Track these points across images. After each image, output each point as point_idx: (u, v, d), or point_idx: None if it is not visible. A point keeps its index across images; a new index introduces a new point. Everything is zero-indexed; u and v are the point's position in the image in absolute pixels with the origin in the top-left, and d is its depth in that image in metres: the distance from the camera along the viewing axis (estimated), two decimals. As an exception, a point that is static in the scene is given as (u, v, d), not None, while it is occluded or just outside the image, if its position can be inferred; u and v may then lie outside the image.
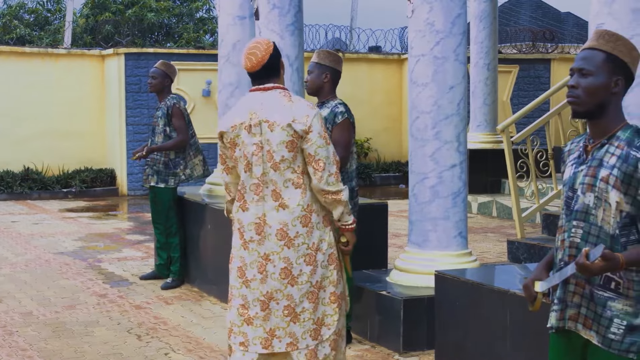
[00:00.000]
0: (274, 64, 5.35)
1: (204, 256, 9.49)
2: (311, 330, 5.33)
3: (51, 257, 11.57)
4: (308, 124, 5.22)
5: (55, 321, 8.29)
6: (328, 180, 5.26)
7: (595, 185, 3.70)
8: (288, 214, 5.26)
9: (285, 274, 5.27)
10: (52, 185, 18.89)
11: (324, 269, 5.34)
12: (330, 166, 5.27)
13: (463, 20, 7.50)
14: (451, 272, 6.11)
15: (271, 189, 5.28)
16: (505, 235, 12.54)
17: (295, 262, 5.27)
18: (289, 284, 5.28)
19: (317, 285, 5.33)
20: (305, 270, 5.28)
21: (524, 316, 5.05)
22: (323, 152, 5.25)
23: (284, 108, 5.25)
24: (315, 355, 5.35)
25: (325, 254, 5.35)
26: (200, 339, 7.70)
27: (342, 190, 5.32)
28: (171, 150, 9.66)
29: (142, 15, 29.94)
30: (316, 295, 5.33)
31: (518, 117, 10.33)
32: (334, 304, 5.38)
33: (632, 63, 3.76)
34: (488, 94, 16.07)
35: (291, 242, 5.27)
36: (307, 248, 5.29)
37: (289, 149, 5.23)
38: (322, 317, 5.37)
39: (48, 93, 19.44)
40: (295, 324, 5.31)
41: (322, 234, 5.35)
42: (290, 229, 5.27)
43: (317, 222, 5.32)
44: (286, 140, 5.22)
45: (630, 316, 3.65)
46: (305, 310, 5.30)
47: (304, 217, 5.28)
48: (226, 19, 10.24)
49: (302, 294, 5.29)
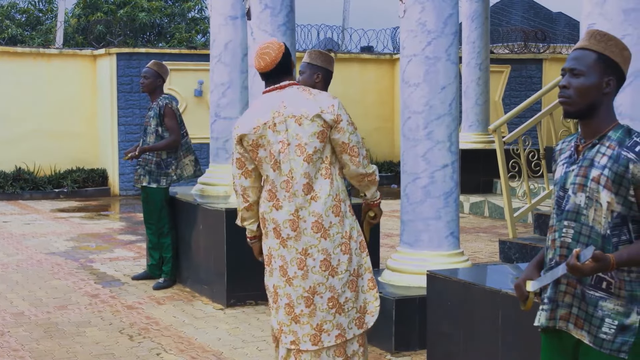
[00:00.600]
0: (287, 62, 5.48)
1: (196, 256, 9.48)
2: (355, 319, 5.47)
3: (43, 257, 11.55)
4: (336, 112, 5.38)
5: (47, 321, 8.28)
6: (364, 164, 5.52)
7: (587, 185, 3.70)
8: (321, 206, 5.39)
9: (326, 266, 5.40)
10: (44, 185, 18.86)
11: (358, 257, 5.49)
12: (362, 150, 5.50)
13: (455, 20, 7.50)
14: (443, 272, 6.11)
15: (302, 183, 5.38)
16: (497, 235, 12.56)
17: (332, 252, 5.41)
18: (329, 276, 5.40)
19: (356, 273, 5.47)
20: (343, 260, 5.42)
21: (516, 316, 5.05)
22: (354, 138, 5.45)
23: (307, 101, 5.40)
24: (344, 352, 5.46)
25: (357, 241, 5.50)
26: (192, 339, 7.70)
27: (374, 170, 5.63)
28: (163, 151, 9.65)
29: (134, 15, 29.92)
30: (356, 283, 5.47)
31: (510, 117, 10.34)
32: (373, 290, 5.54)
33: (624, 63, 3.77)
34: (480, 94, 16.09)
35: (327, 233, 5.39)
36: (342, 237, 5.43)
37: (320, 139, 5.38)
38: (364, 305, 5.52)
39: (40, 93, 19.41)
40: (341, 315, 5.43)
41: (352, 222, 5.51)
42: (325, 220, 5.40)
43: (346, 211, 5.49)
44: (317, 131, 5.36)
45: (621, 316, 3.65)
46: (348, 300, 5.43)
47: (335, 207, 5.43)
48: (218, 19, 10.23)
49: (344, 284, 5.42)
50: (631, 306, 3.65)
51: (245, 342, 7.55)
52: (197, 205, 9.44)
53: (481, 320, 5.47)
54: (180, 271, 9.86)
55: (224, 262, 8.74)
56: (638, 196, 3.65)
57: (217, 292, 8.95)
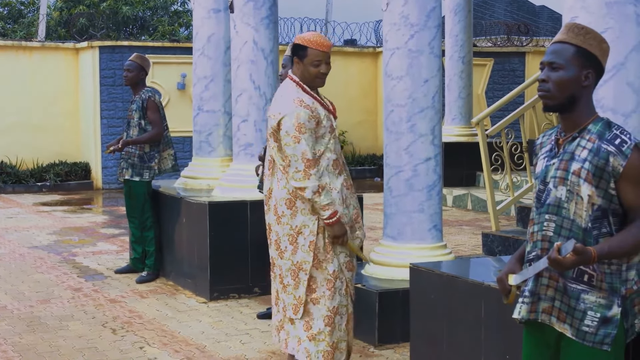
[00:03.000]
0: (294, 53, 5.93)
1: (179, 250, 9.47)
2: (293, 304, 5.86)
3: (25, 251, 11.52)
4: (277, 119, 5.73)
5: (30, 315, 8.26)
6: (294, 176, 5.71)
7: (567, 179, 3.71)
8: (277, 193, 5.85)
9: (276, 246, 5.92)
10: (27, 179, 18.79)
11: (304, 253, 5.79)
12: (297, 163, 5.69)
13: (438, 13, 7.50)
14: (426, 264, 6.11)
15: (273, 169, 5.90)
16: (480, 227, 12.59)
17: (281, 237, 5.86)
18: (279, 256, 5.91)
19: (298, 265, 5.82)
20: (288, 248, 5.86)
21: (499, 308, 5.06)
22: (289, 149, 5.72)
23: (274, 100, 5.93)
24: (310, 327, 5.85)
25: (307, 239, 5.79)
26: (176, 332, 7.69)
27: (305, 187, 5.69)
28: (146, 144, 9.63)
29: (117, 8, 29.80)
30: (297, 274, 5.82)
31: (493, 110, 10.36)
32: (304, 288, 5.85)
33: (602, 56, 3.77)
34: (463, 87, 16.10)
35: (279, 219, 5.84)
36: (290, 229, 5.80)
37: (273, 138, 5.80)
38: (302, 296, 5.82)
39: (22, 86, 19.33)
40: (284, 293, 5.92)
41: (307, 221, 5.77)
42: (279, 207, 5.85)
43: (303, 209, 5.77)
44: (270, 131, 5.81)
45: (603, 308, 3.67)
46: (289, 284, 5.87)
47: (288, 200, 5.79)
48: (201, 12, 10.21)
49: (287, 269, 5.87)
50: (612, 298, 3.67)
51: (229, 336, 7.55)
52: (180, 199, 9.42)
53: (464, 312, 5.48)
54: (164, 265, 9.85)
55: (207, 255, 8.74)
56: (618, 189, 3.66)
57: (200, 286, 8.95)
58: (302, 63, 5.84)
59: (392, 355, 6.94)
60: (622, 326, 3.70)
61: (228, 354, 7.05)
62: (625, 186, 3.65)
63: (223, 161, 10.13)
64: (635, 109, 5.20)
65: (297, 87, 5.83)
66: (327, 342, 5.82)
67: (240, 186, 8.94)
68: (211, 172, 10.04)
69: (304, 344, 5.83)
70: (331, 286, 5.81)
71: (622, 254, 3.63)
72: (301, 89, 5.83)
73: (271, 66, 9.05)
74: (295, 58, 5.86)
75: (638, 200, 3.65)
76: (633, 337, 3.78)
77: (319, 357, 5.83)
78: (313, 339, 5.82)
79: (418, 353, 5.99)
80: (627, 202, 3.67)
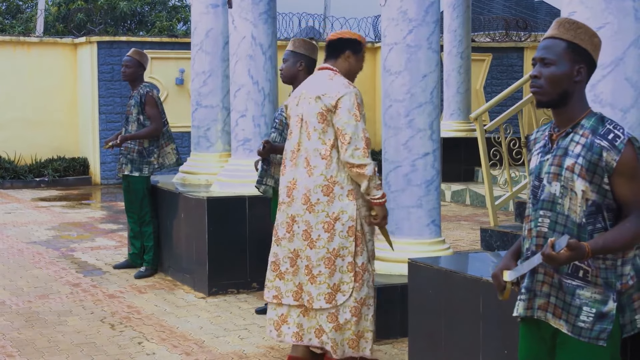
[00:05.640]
0: (336, 46, 6.13)
1: (178, 245, 9.47)
2: (326, 293, 5.90)
3: (24, 246, 11.52)
4: (336, 98, 5.86)
5: (28, 311, 8.26)
6: (353, 154, 5.77)
7: (561, 175, 3.71)
8: (312, 181, 5.90)
9: (305, 236, 5.93)
10: (25, 174, 18.79)
11: (342, 239, 5.86)
12: (357, 142, 5.78)
13: (436, 8, 7.50)
14: (424, 260, 6.11)
15: (304, 157, 5.97)
16: (478, 223, 12.59)
17: (314, 226, 5.89)
18: (307, 246, 5.92)
19: (335, 252, 5.87)
20: (323, 236, 5.89)
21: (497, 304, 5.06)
22: (349, 127, 5.80)
23: (322, 84, 5.98)
24: (336, 318, 5.91)
25: (345, 225, 5.85)
26: (174, 327, 7.69)
27: (366, 164, 5.78)
28: (145, 139, 9.63)
29: (115, 3, 29.78)
30: (333, 262, 5.87)
31: (491, 106, 10.35)
32: (350, 273, 5.90)
33: (594, 50, 3.77)
34: (461, 83, 16.11)
35: (312, 207, 5.89)
36: (326, 216, 5.86)
37: (319, 120, 5.90)
38: (339, 284, 5.90)
39: (20, 82, 19.32)
40: (312, 285, 5.93)
41: (345, 207, 5.86)
42: (312, 195, 5.89)
43: (341, 195, 5.87)
44: (317, 112, 5.90)
45: (599, 304, 3.67)
46: (321, 274, 5.89)
47: (325, 187, 5.87)
48: (199, 7, 10.21)
49: (319, 258, 5.89)
50: (608, 293, 3.67)
51: (227, 331, 7.55)
52: (178, 194, 9.42)
53: (462, 308, 5.48)
54: (162, 260, 9.85)
55: (206, 250, 8.74)
56: (612, 184, 3.66)
57: (199, 281, 8.95)
58: (354, 57, 6.13)
59: (391, 350, 6.95)
60: (618, 321, 3.70)
61: (226, 349, 7.05)
62: (618, 181, 3.65)
63: (221, 156, 10.13)
64: (634, 104, 5.20)
65: (341, 77, 6.05)
66: (353, 331, 5.95)
67: (238, 181, 8.94)
68: (209, 168, 10.04)
69: (330, 334, 5.92)
70: (359, 278, 5.92)
71: (616, 249, 3.63)
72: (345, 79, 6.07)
73: (269, 61, 9.05)
74: (347, 52, 6.11)
75: (632, 195, 3.65)
76: (633, 332, 3.78)
77: (344, 345, 5.97)
78: (339, 328, 5.93)
79: (416, 348, 6.00)
80: (620, 197, 3.67)
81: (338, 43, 6.14)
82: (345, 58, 6.10)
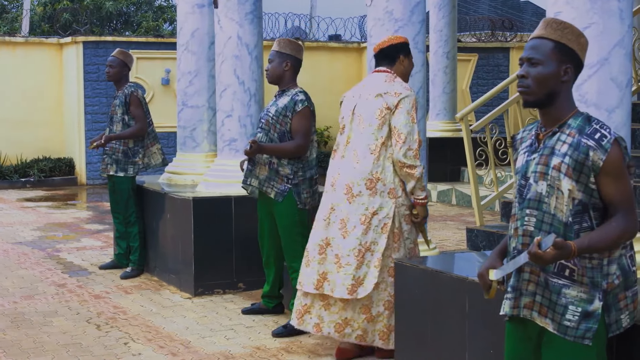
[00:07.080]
0: (390, 52, 6.48)
1: (164, 245, 9.45)
2: (349, 285, 6.18)
3: (9, 247, 11.49)
4: (398, 99, 6.21)
5: (14, 311, 8.24)
6: (407, 154, 6.10)
7: (548, 174, 3.72)
8: (357, 173, 6.22)
9: (341, 225, 6.25)
10: (10, 174, 18.74)
11: (376, 234, 6.16)
12: (411, 142, 6.12)
13: (422, 8, 7.51)
14: (410, 260, 6.12)
15: (352, 149, 6.31)
16: (464, 223, 12.61)
17: (351, 216, 6.21)
18: (341, 235, 6.24)
19: (366, 246, 6.15)
20: (358, 228, 6.16)
21: (483, 303, 5.07)
22: (405, 128, 6.14)
23: (381, 84, 6.33)
24: (369, 310, 6.25)
25: (381, 221, 6.15)
26: (160, 328, 7.68)
27: (416, 165, 6.12)
28: (130, 139, 9.61)
29: (101, 3, 29.72)
30: (363, 254, 6.15)
31: (477, 106, 10.34)
32: (376, 269, 6.18)
33: (581, 50, 3.78)
34: (447, 83, 16.13)
35: (353, 198, 6.21)
36: (365, 209, 6.17)
37: (376, 116, 6.22)
38: (363, 277, 6.18)
39: (5, 82, 19.27)
40: (338, 274, 6.23)
41: (385, 204, 6.17)
42: (355, 187, 6.21)
43: (383, 192, 6.17)
44: (376, 109, 6.24)
45: (584, 303, 3.68)
46: (349, 264, 6.19)
47: (369, 181, 6.18)
48: (185, 7, 10.20)
49: (351, 249, 6.19)
50: (593, 292, 3.68)
51: (213, 331, 7.55)
52: (164, 194, 9.41)
53: (448, 307, 5.49)
54: (148, 260, 9.83)
55: (192, 251, 8.72)
56: (598, 183, 3.67)
57: (185, 281, 8.94)
58: (407, 59, 6.52)
59: (377, 350, 6.95)
60: (604, 321, 3.71)
61: (213, 349, 7.05)
62: (605, 180, 3.66)
63: (207, 156, 10.12)
64: (619, 105, 5.21)
65: (400, 79, 6.40)
66: (385, 323, 6.25)
67: (224, 181, 8.93)
68: (195, 168, 10.03)
69: (363, 325, 6.23)
70: (393, 273, 6.10)
71: (602, 248, 3.64)
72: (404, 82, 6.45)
73: (255, 61, 9.04)
74: (401, 56, 6.48)
75: (618, 195, 3.67)
76: (618, 332, 3.79)
77: (375, 335, 6.26)
78: (371, 320, 6.23)
79: (403, 348, 6.00)
80: (607, 197, 3.68)
81: (390, 49, 6.49)
82: (400, 62, 6.48)
